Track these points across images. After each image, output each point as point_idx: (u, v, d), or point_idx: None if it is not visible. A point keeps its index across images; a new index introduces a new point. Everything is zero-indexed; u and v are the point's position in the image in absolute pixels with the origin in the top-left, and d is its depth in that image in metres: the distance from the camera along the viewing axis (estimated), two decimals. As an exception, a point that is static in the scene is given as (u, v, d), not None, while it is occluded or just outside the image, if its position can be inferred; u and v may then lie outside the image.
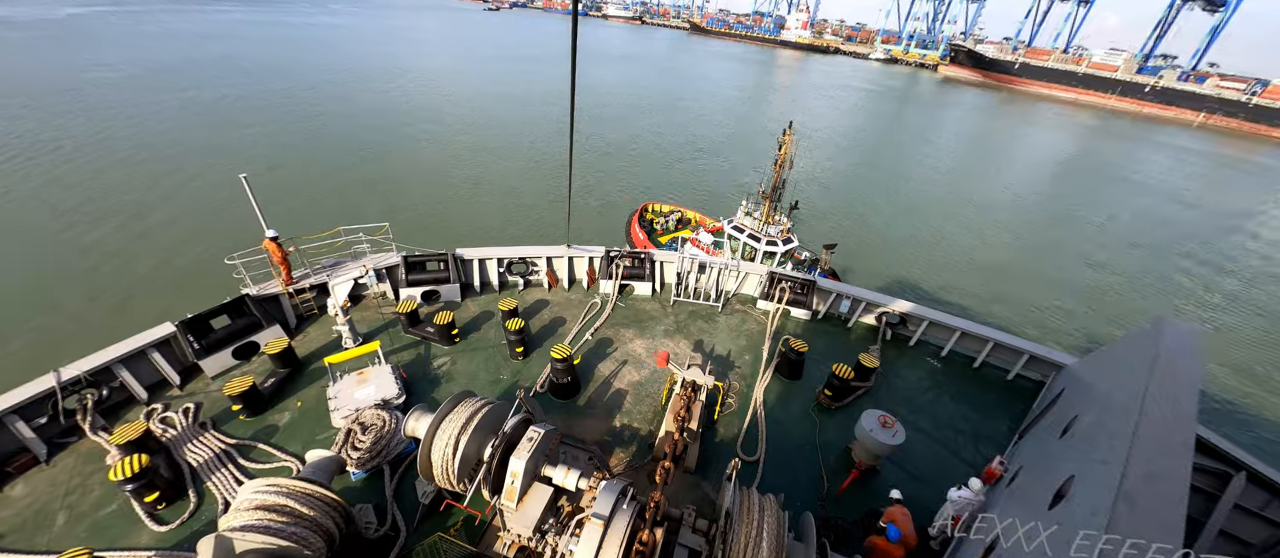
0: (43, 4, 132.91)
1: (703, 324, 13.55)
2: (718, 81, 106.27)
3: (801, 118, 72.13)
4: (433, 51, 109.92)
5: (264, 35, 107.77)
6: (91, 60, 71.08)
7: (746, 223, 24.36)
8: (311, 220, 18.84)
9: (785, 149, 21.44)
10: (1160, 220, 47.52)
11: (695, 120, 68.62)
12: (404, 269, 13.47)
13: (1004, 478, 8.60)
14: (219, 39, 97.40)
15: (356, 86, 69.14)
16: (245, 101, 57.16)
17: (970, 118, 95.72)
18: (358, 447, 8.48)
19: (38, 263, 25.33)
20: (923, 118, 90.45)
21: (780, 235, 23.51)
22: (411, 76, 79.57)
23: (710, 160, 52.68)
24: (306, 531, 6.00)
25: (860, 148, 64.48)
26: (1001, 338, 12.52)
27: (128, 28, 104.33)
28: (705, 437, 9.77)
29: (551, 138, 53.95)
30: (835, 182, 50.38)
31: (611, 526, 5.49)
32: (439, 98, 67.30)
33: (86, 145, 41.01)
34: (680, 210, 33.34)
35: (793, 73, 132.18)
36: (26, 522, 7.58)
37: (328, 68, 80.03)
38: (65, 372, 9.03)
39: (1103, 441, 6.26)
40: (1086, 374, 10.03)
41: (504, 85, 79.99)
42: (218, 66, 73.91)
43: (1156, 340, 7.46)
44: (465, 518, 7.93)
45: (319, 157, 43.41)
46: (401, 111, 59.29)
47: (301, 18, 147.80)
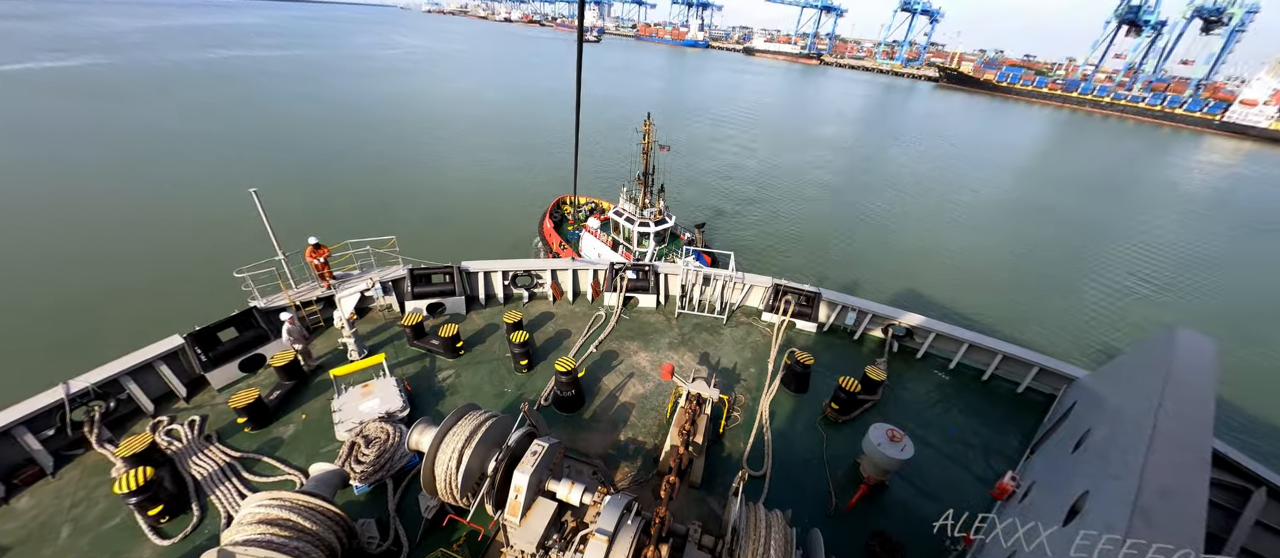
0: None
1: (707, 337, 13.49)
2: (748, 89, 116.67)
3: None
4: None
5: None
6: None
7: (627, 208, 26.45)
8: (320, 233, 18.96)
9: (648, 138, 24.15)
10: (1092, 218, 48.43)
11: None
12: (410, 282, 13.54)
13: (1016, 494, 8.43)
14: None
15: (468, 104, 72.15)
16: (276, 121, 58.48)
17: (950, 111, 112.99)
18: (361, 460, 8.45)
19: (45, 274, 25.71)
20: (914, 111, 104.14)
21: (653, 217, 25.73)
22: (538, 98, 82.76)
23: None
24: (308, 545, 5.96)
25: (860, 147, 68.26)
26: (1010, 350, 12.37)
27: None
28: (711, 451, 9.67)
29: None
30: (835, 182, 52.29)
31: (616, 542, 5.42)
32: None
33: (91, 159, 41.89)
34: (594, 201, 32.63)
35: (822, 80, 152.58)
36: (32, 535, 7.58)
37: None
38: (74, 384, 9.10)
39: (1115, 456, 6.13)
40: (1098, 387, 9.87)
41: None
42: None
43: (1169, 352, 7.34)
44: (468, 533, 7.84)
45: (333, 170, 44.07)
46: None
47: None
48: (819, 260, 34.85)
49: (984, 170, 62.49)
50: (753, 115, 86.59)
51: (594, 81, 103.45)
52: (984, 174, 60.75)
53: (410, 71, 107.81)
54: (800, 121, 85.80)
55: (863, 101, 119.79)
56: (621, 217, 26.33)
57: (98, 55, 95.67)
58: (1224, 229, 47.90)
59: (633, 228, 25.55)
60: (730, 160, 57.90)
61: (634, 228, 25.50)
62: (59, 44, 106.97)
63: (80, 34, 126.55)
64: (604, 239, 27.48)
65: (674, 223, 26.97)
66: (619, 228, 26.62)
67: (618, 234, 26.86)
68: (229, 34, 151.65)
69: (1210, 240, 44.52)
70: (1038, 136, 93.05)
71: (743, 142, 67.48)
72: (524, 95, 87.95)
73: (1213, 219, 50.66)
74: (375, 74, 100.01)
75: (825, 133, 77.81)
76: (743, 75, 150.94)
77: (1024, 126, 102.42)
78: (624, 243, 26.56)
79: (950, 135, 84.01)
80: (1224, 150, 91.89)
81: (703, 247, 28.40)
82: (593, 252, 27.61)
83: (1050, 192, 55.75)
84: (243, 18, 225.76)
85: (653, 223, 25.69)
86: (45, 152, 43.19)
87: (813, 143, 70.58)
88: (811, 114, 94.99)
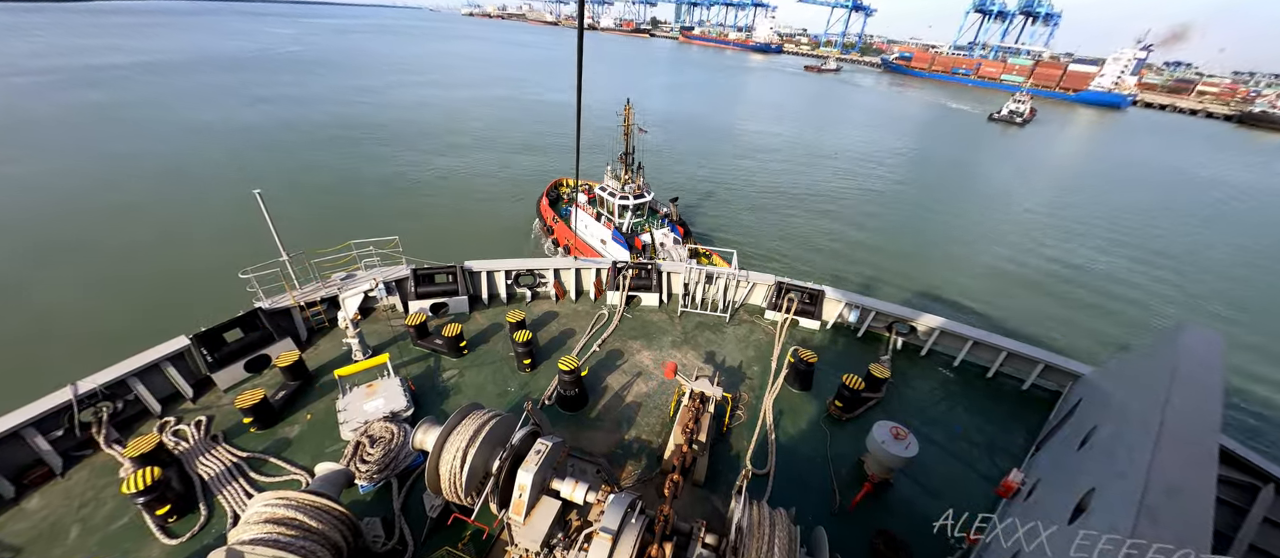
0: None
1: (710, 335, 13.48)
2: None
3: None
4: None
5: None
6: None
7: (611, 184, 29.93)
8: (323, 234, 19.14)
9: (628, 120, 27.77)
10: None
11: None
12: (413, 282, 13.58)
13: (1022, 491, 8.40)
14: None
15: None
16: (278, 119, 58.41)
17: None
18: (366, 460, 8.49)
19: (58, 275, 25.92)
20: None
21: (633, 192, 29.15)
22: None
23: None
24: (314, 544, 6.00)
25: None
26: (1015, 347, 12.30)
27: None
28: (714, 449, 9.67)
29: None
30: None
31: (620, 540, 5.43)
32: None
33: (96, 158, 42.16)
34: (589, 183, 34.43)
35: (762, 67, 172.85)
36: (42, 535, 7.66)
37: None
38: (82, 385, 9.18)
39: (1122, 453, 6.10)
40: (1104, 384, 9.81)
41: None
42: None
43: (1175, 347, 7.29)
44: (473, 532, 7.88)
45: (334, 172, 44.21)
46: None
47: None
48: (840, 259, 35.57)
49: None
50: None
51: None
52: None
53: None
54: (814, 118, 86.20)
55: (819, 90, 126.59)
56: (606, 192, 29.72)
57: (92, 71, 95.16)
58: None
59: (615, 201, 29.11)
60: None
61: (616, 201, 29.04)
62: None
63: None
64: (590, 211, 31.34)
65: (652, 197, 30.34)
66: (604, 202, 30.12)
67: (603, 208, 30.57)
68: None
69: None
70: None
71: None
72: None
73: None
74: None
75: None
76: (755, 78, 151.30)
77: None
78: (608, 215, 30.21)
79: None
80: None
81: (676, 219, 32.18)
82: (581, 224, 31.30)
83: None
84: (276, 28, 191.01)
85: (632, 197, 29.06)
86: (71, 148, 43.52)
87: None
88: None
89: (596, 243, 29.95)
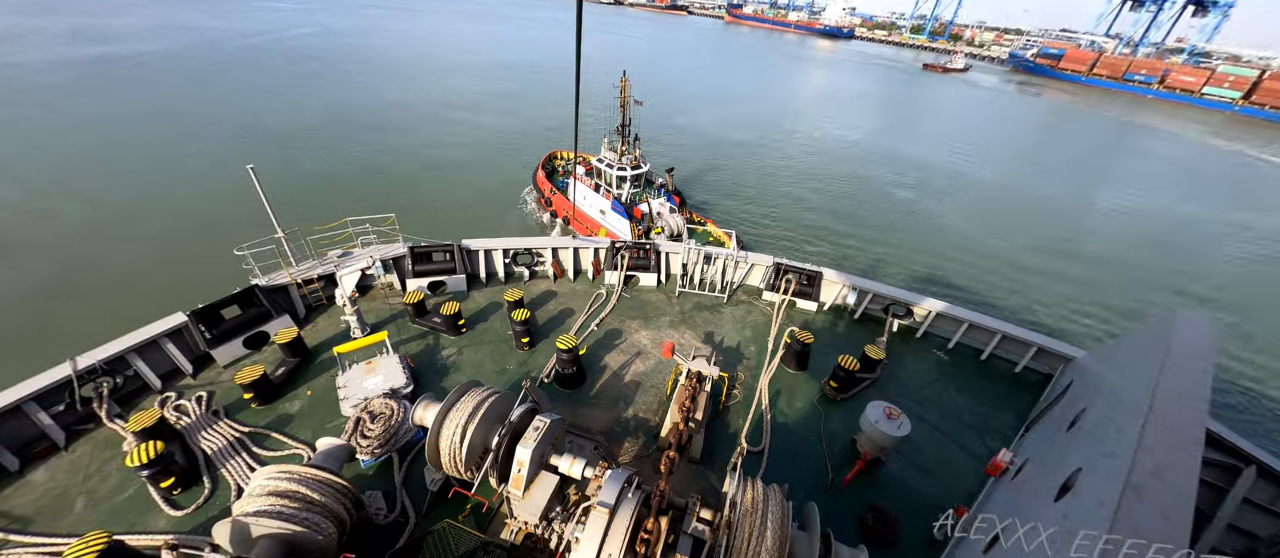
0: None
1: (708, 315, 13.55)
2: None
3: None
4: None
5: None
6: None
7: (607, 155, 30.43)
8: (319, 211, 19.00)
9: (624, 93, 28.22)
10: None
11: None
12: (411, 260, 13.54)
13: (1009, 471, 8.58)
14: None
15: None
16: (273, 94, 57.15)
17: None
18: (367, 435, 8.60)
19: (49, 253, 25.73)
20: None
21: (629, 164, 29.69)
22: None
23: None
24: (318, 516, 6.12)
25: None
26: (1009, 330, 12.42)
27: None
28: (711, 427, 9.81)
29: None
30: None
31: (617, 514, 5.56)
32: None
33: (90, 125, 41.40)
34: (584, 156, 34.06)
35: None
36: (48, 506, 7.79)
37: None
38: (81, 360, 9.21)
39: (1110, 434, 6.22)
40: (1096, 367, 9.94)
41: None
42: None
43: (1168, 332, 7.37)
44: (473, 505, 8.04)
45: (328, 147, 43.54)
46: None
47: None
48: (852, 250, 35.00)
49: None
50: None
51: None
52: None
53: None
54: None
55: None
56: (603, 163, 29.99)
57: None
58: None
59: (612, 172, 29.36)
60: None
61: (613, 172, 29.34)
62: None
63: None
64: (588, 183, 31.29)
65: (648, 168, 30.97)
66: (601, 174, 30.28)
67: (600, 179, 30.69)
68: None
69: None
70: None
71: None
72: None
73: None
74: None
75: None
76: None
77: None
78: (605, 186, 30.28)
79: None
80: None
81: (672, 189, 33.08)
82: (579, 195, 31.60)
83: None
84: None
85: (629, 168, 29.43)
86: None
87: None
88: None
89: (596, 214, 30.21)
